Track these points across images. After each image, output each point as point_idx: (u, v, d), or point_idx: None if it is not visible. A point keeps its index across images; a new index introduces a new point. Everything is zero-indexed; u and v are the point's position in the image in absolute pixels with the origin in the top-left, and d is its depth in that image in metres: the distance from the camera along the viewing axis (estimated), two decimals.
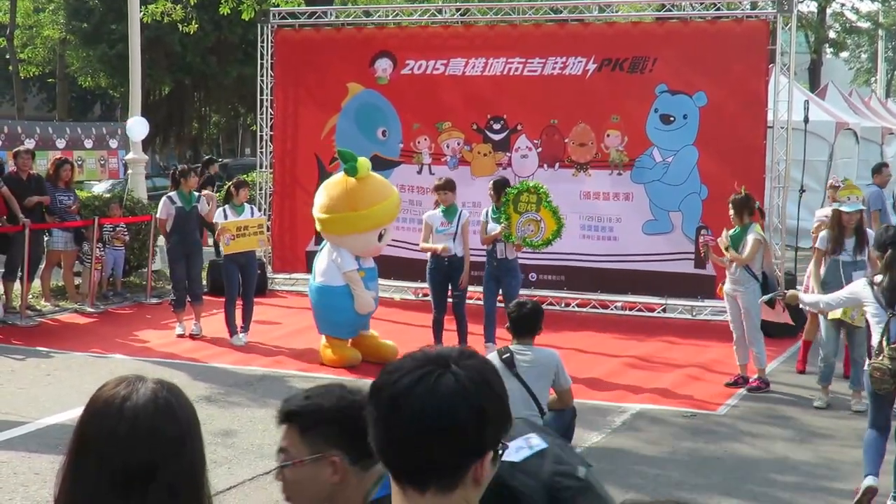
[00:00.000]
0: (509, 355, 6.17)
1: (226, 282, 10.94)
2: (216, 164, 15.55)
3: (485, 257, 10.09)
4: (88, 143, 16.19)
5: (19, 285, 12.02)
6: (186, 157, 38.66)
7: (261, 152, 14.45)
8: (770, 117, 12.11)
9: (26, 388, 8.96)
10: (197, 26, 21.18)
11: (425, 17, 13.95)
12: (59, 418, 7.82)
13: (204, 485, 1.92)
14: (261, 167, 14.48)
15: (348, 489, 2.22)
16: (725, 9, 12.61)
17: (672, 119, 12.28)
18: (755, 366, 9.22)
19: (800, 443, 7.73)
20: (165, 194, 11.63)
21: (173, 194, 11.23)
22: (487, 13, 13.99)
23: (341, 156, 10.02)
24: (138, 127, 14.48)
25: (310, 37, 14.05)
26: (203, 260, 11.87)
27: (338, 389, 2.31)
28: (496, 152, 13.04)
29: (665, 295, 12.47)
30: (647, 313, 12.67)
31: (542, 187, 10.00)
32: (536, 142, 12.88)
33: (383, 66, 13.52)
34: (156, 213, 14.14)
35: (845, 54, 49.83)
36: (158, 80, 31.57)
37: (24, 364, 9.93)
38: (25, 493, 6.36)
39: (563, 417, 6.39)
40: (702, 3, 12.59)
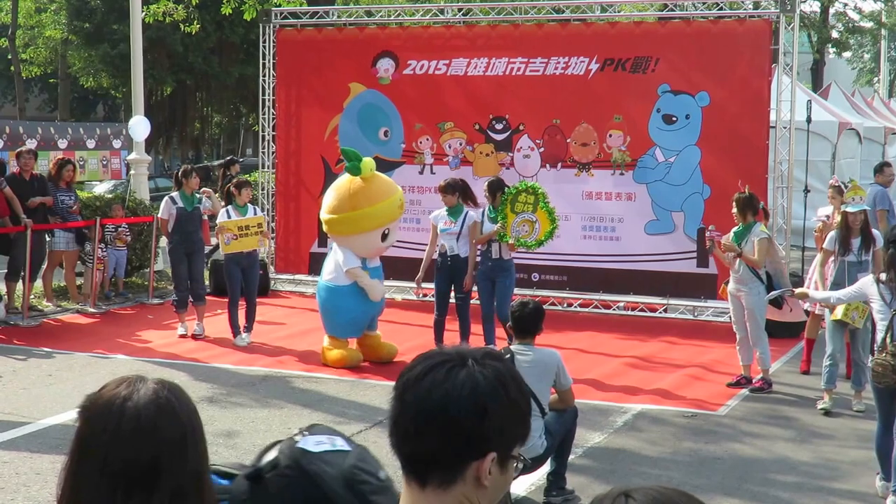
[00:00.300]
0: (510, 356, 6.16)
1: (228, 282, 10.93)
2: (238, 163, 15.45)
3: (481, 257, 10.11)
4: (91, 144, 16.19)
5: (21, 285, 12.04)
6: (189, 157, 38.69)
7: (263, 152, 14.46)
8: (773, 117, 12.10)
9: (28, 389, 8.96)
10: (199, 26, 21.17)
11: (427, 17, 13.96)
12: (61, 418, 7.82)
13: (207, 485, 1.91)
14: (263, 167, 14.50)
15: None
16: (728, 8, 12.61)
17: (674, 119, 12.28)
18: (759, 366, 9.20)
19: (800, 443, 7.73)
20: (167, 194, 11.60)
21: (175, 195, 11.20)
22: (489, 13, 14.00)
23: (345, 154, 9.99)
24: (140, 126, 14.48)
25: (312, 37, 14.06)
26: (205, 260, 11.86)
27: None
28: (498, 152, 13.04)
29: (667, 295, 12.47)
30: (649, 313, 12.67)
31: (541, 188, 9.99)
32: (539, 142, 12.88)
33: (385, 67, 13.53)
34: (158, 213, 14.21)
35: (848, 54, 49.79)
36: (160, 80, 31.59)
37: (26, 364, 9.94)
38: (27, 493, 6.36)
39: (564, 418, 6.38)
40: (704, 3, 12.59)
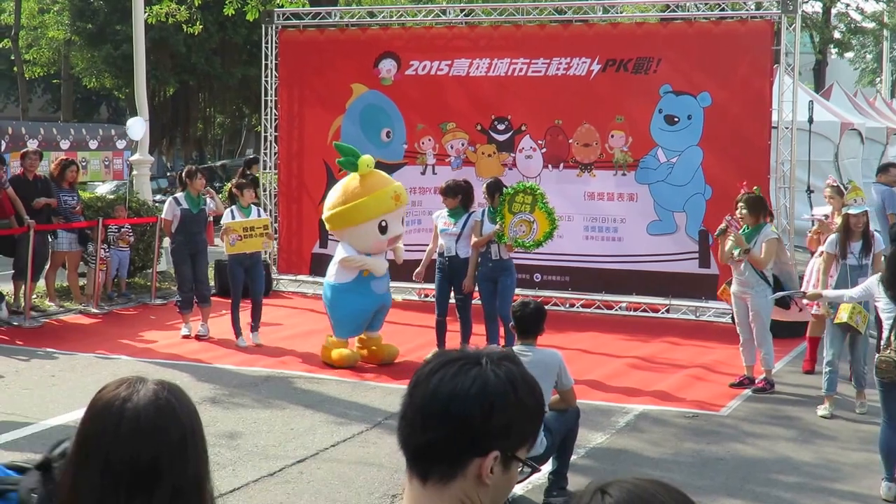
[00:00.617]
0: None
1: (231, 284, 10.91)
2: (257, 163, 15.36)
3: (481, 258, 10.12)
4: (93, 145, 16.20)
5: (24, 286, 12.06)
6: (193, 157, 38.72)
7: (265, 153, 14.47)
8: (774, 118, 12.10)
9: (31, 389, 8.97)
10: (201, 27, 21.18)
11: (429, 18, 13.97)
12: (64, 419, 7.83)
13: (207, 485, 1.92)
14: (265, 168, 14.50)
15: None
16: (730, 9, 12.61)
17: (676, 120, 12.28)
18: (762, 367, 9.19)
19: (802, 443, 7.73)
20: (171, 195, 11.57)
21: (179, 196, 11.16)
22: (492, 14, 14.02)
23: (339, 149, 10.05)
24: (137, 126, 14.57)
25: (314, 38, 14.07)
26: (208, 260, 11.85)
27: None
28: (500, 153, 13.05)
29: (669, 295, 12.48)
30: (651, 314, 12.67)
31: (539, 188, 9.98)
32: (541, 142, 12.89)
33: (387, 67, 13.53)
34: (161, 214, 14.21)
35: (850, 55, 49.72)
36: (163, 81, 31.64)
37: (29, 365, 9.95)
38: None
39: (566, 417, 6.38)
40: (706, 4, 12.59)
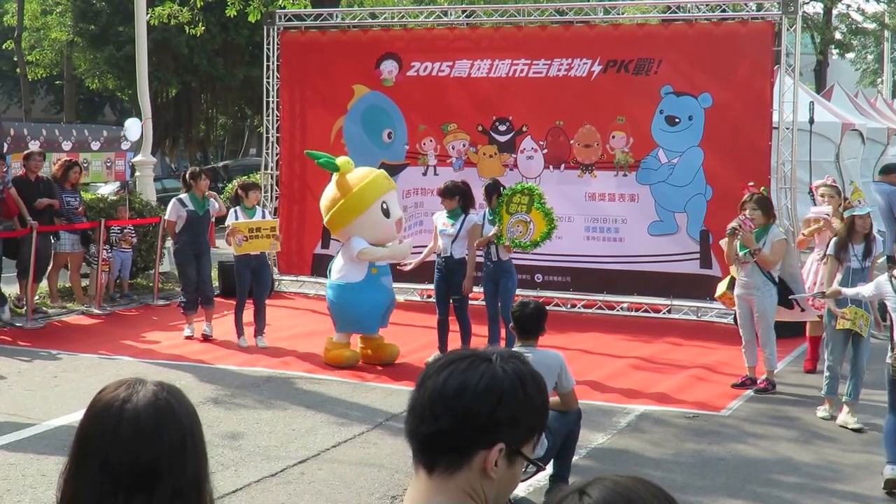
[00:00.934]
0: None
1: (238, 285, 10.87)
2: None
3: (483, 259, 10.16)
4: (95, 146, 16.23)
5: (26, 287, 12.09)
6: (197, 158, 38.76)
7: (266, 154, 14.49)
8: (775, 118, 12.11)
9: (33, 390, 8.99)
10: (203, 28, 21.23)
11: (431, 19, 13.99)
12: (67, 420, 7.84)
13: (207, 486, 1.93)
14: (266, 169, 14.52)
15: None
16: (730, 10, 12.62)
17: (677, 120, 12.29)
18: (765, 367, 9.18)
19: (803, 444, 7.73)
20: (176, 196, 11.56)
21: (184, 197, 11.14)
22: (493, 15, 14.04)
23: (311, 156, 10.33)
24: (134, 127, 14.69)
25: (315, 39, 14.09)
26: (212, 261, 11.86)
27: None
28: (502, 154, 13.07)
29: (670, 296, 12.49)
30: (653, 314, 12.68)
31: (537, 189, 9.98)
32: (542, 143, 12.90)
33: (389, 68, 13.56)
34: (163, 214, 14.23)
35: (851, 55, 49.71)
36: (166, 82, 31.67)
37: (32, 366, 9.97)
38: (34, 494, 6.39)
39: (567, 418, 6.37)
40: (707, 5, 12.60)
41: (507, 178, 12.04)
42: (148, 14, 16.85)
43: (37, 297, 12.47)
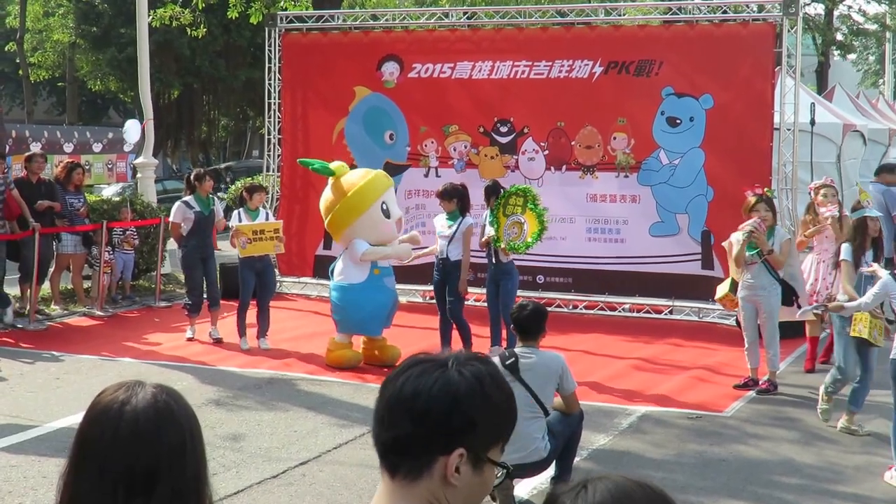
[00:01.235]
0: (513, 360, 6.17)
1: (242, 287, 10.86)
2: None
3: (486, 260, 10.19)
4: (97, 148, 16.27)
5: (28, 289, 12.11)
6: (199, 160, 38.79)
7: (268, 155, 14.51)
8: (776, 119, 12.12)
9: (35, 392, 9.01)
10: (205, 30, 21.25)
11: (432, 21, 14.01)
12: (69, 422, 7.85)
13: (206, 489, 1.93)
14: (268, 170, 14.53)
15: None
16: (731, 12, 12.62)
17: (678, 121, 12.30)
18: (768, 368, 9.17)
19: (805, 445, 7.73)
20: (181, 198, 11.55)
21: (189, 199, 11.12)
22: (494, 17, 14.05)
23: (304, 164, 10.44)
24: (133, 129, 14.70)
25: (317, 40, 14.11)
26: (217, 263, 11.83)
27: None
28: (503, 155, 13.08)
29: (672, 297, 12.49)
30: (654, 315, 12.68)
31: (532, 190, 10.00)
32: (543, 144, 12.91)
33: (390, 70, 13.58)
34: (164, 216, 14.23)
35: (853, 56, 49.71)
36: (168, 83, 31.71)
37: (34, 367, 9.99)
38: (35, 496, 6.40)
39: (569, 419, 6.38)
40: (708, 7, 12.60)
41: (509, 180, 12.05)
42: (150, 16, 16.87)
43: (39, 299, 12.47)
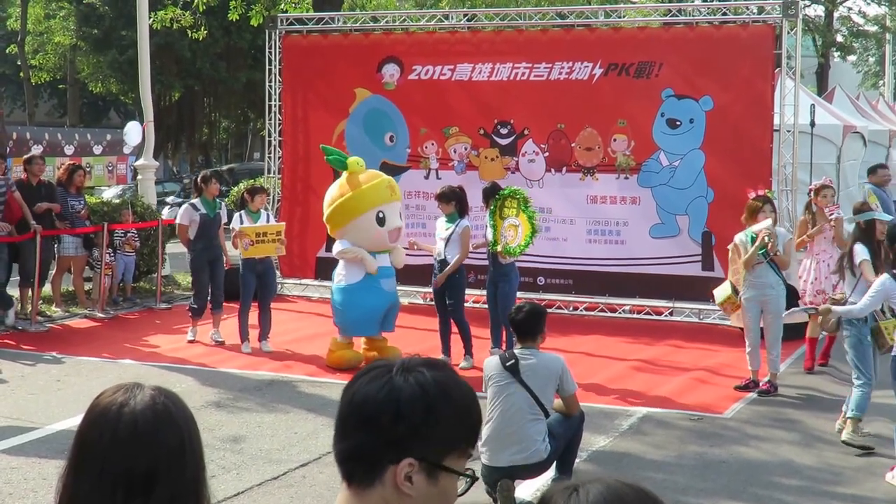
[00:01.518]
0: (513, 362, 6.18)
1: (243, 289, 10.84)
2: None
3: (487, 262, 10.21)
4: (97, 150, 16.29)
5: (30, 291, 12.12)
6: (199, 162, 38.80)
7: (269, 157, 14.52)
8: (776, 121, 12.13)
9: (36, 394, 9.02)
10: (206, 32, 21.28)
11: (432, 23, 14.02)
12: (69, 424, 7.84)
13: (205, 491, 1.94)
14: (269, 172, 14.54)
15: None
16: (731, 13, 12.64)
17: (678, 123, 12.31)
18: (769, 369, 9.18)
19: (805, 447, 7.74)
20: (187, 201, 11.54)
21: (196, 201, 11.14)
22: (494, 19, 14.05)
23: (325, 151, 10.32)
24: (134, 131, 14.73)
25: (317, 42, 14.13)
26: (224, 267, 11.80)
27: None
28: (503, 157, 13.09)
29: (672, 298, 12.50)
30: (655, 317, 12.69)
31: (522, 192, 10.02)
32: (543, 146, 12.92)
33: (390, 72, 13.59)
34: (163, 217, 14.26)
35: (853, 58, 49.72)
36: (168, 85, 31.74)
37: (35, 369, 10.00)
38: (35, 498, 6.41)
39: (570, 421, 6.38)
40: (708, 8, 12.61)
41: (509, 182, 12.05)
42: (150, 18, 16.89)
43: (40, 301, 12.48)
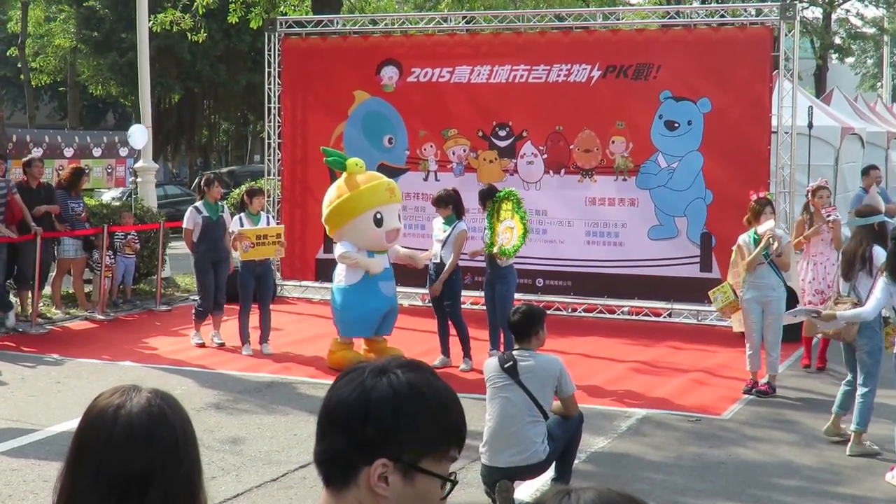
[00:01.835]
0: (512, 363, 6.19)
1: (241, 291, 10.84)
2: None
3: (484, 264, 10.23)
4: (97, 152, 16.31)
5: (30, 293, 12.14)
6: (198, 164, 38.83)
7: (268, 159, 14.55)
8: (774, 123, 12.16)
9: (37, 396, 9.04)
10: (206, 35, 21.31)
11: (431, 26, 14.05)
12: (69, 425, 7.85)
13: (201, 493, 1.95)
14: (269, 174, 14.57)
15: None
16: (729, 16, 12.67)
17: (677, 125, 12.34)
18: (768, 371, 9.19)
19: (804, 447, 7.76)
20: (192, 204, 11.56)
21: (199, 204, 11.17)
22: (492, 21, 14.08)
23: (325, 153, 10.36)
24: (138, 134, 14.67)
25: (316, 45, 14.16)
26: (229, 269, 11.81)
27: None
28: (502, 159, 13.11)
29: (671, 300, 12.53)
30: (653, 318, 12.71)
31: (515, 194, 10.05)
32: (542, 148, 12.95)
33: (389, 74, 13.61)
34: (164, 220, 14.29)
35: (851, 60, 49.79)
36: (168, 88, 31.79)
37: (35, 372, 10.02)
38: (35, 500, 6.43)
39: (569, 423, 6.39)
40: (706, 11, 12.64)
41: (507, 184, 12.06)
42: (150, 21, 16.92)
43: (40, 304, 12.50)
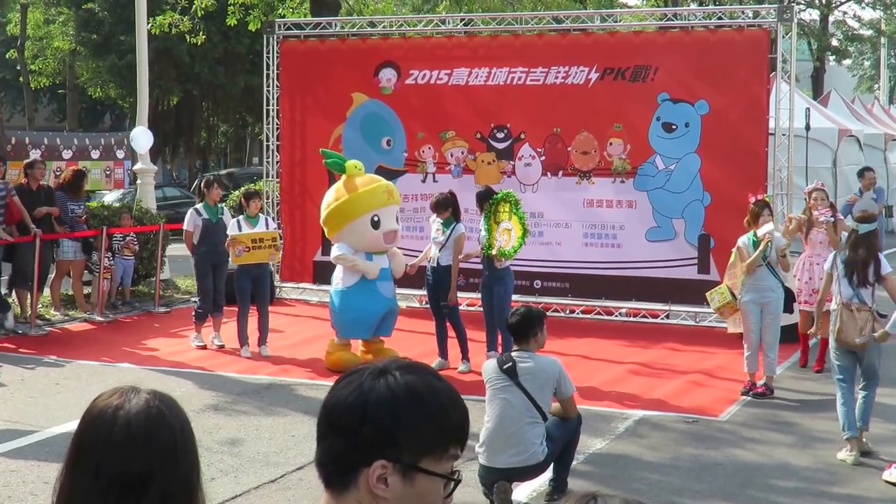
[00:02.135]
0: (511, 364, 6.22)
1: (238, 294, 10.86)
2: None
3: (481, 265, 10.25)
4: (95, 154, 16.34)
5: (29, 295, 12.15)
6: (196, 166, 38.83)
7: (267, 161, 14.57)
8: (772, 125, 12.18)
9: (36, 398, 9.06)
10: (204, 37, 21.34)
11: (429, 28, 14.08)
12: (68, 427, 7.86)
13: (199, 494, 1.97)
14: (267, 176, 14.59)
15: None
16: (727, 18, 12.70)
17: (674, 127, 12.36)
18: (765, 372, 9.21)
19: (801, 448, 7.78)
20: (192, 207, 11.57)
21: (199, 206, 11.19)
22: (490, 23, 14.10)
23: (325, 154, 10.38)
24: (142, 137, 14.61)
25: (315, 47, 14.18)
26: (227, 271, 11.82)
27: None
28: (500, 161, 13.14)
29: (668, 301, 12.55)
30: (651, 320, 12.73)
31: (513, 195, 10.06)
32: (540, 150, 12.97)
33: (387, 76, 13.63)
34: (164, 221, 14.31)
35: (848, 62, 49.85)
36: (167, 90, 31.80)
37: (34, 373, 10.04)
38: (35, 501, 6.45)
39: (568, 424, 6.41)
40: (703, 13, 12.67)
41: (505, 185, 12.08)
42: (149, 23, 16.94)
43: (39, 305, 12.51)
